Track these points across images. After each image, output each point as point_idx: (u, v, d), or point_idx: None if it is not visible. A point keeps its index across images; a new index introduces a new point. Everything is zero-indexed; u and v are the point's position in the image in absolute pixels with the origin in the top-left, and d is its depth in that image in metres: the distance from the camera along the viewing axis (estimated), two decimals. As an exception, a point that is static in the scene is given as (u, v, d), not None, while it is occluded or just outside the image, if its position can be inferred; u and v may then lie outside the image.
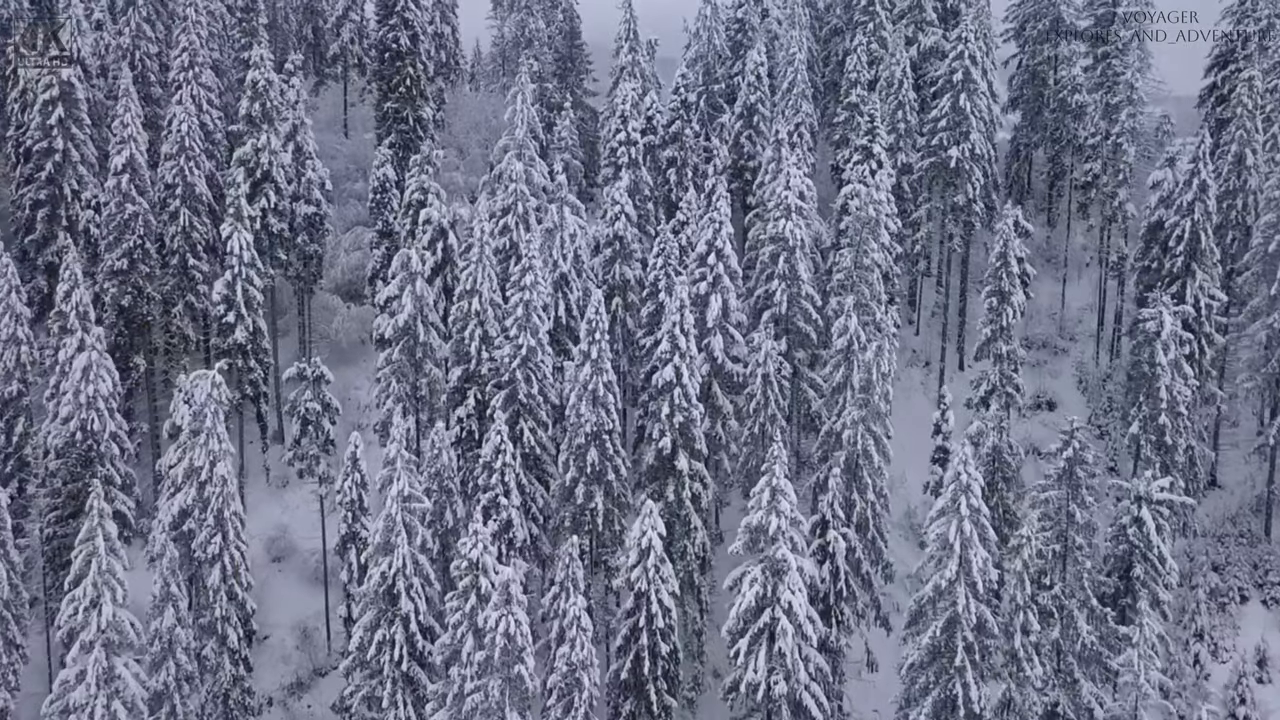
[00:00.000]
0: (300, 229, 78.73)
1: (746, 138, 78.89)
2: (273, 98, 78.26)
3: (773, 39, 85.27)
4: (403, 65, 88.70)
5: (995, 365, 65.53)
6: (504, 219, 69.93)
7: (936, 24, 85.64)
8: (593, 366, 57.91)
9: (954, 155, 75.06)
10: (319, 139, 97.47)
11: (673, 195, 75.90)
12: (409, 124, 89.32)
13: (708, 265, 63.16)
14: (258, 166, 76.82)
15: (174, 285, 74.17)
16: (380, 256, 79.51)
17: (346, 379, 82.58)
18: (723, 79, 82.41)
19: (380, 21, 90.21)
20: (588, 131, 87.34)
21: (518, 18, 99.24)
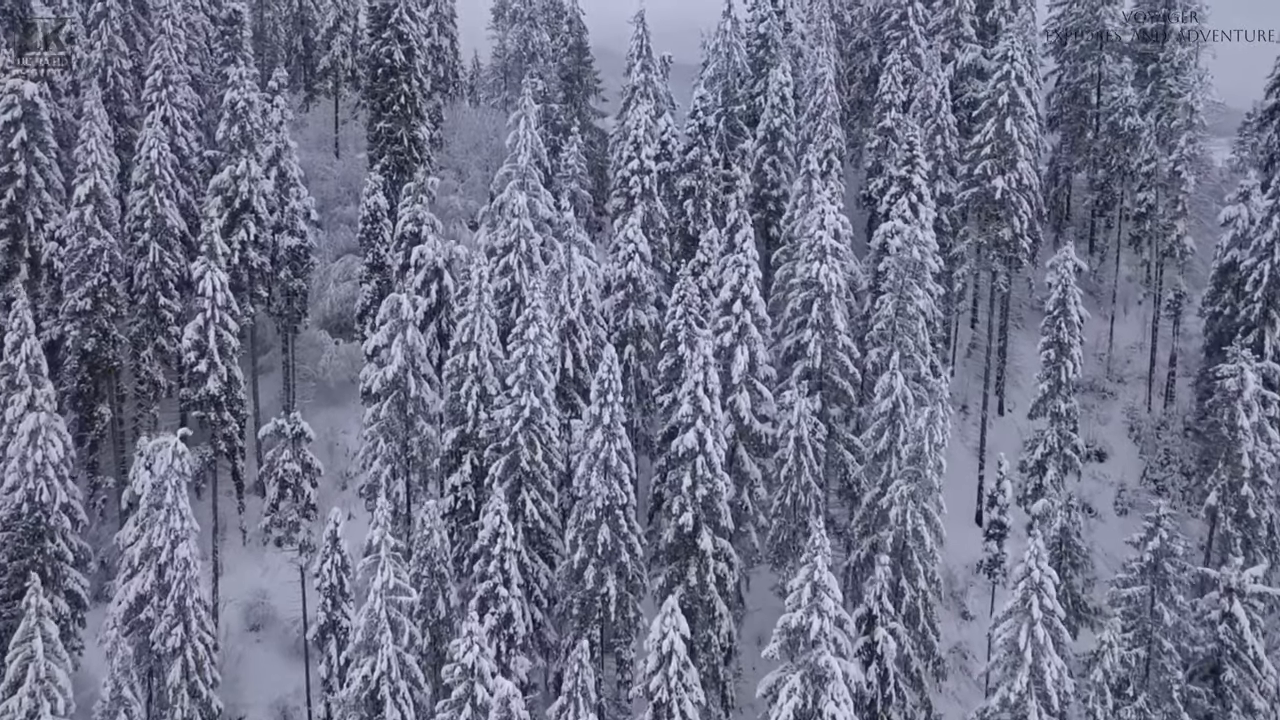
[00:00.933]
0: (283, 263, 71.24)
1: (770, 164, 71.27)
2: (253, 120, 70.76)
3: (796, 55, 77.67)
4: (397, 82, 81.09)
5: (1053, 424, 57.94)
6: (505, 257, 62.36)
7: (975, 39, 77.97)
8: (604, 433, 50.41)
9: (999, 186, 67.42)
10: (307, 159, 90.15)
11: (690, 228, 68.32)
12: (403, 145, 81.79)
13: (733, 314, 55.60)
14: (236, 195, 69.39)
15: (143, 327, 66.68)
16: (370, 292, 71.98)
17: (334, 422, 75.26)
18: (743, 99, 74.79)
19: (373, 35, 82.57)
20: (596, 155, 79.75)
21: (520, 30, 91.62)
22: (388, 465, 57.69)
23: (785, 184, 71.36)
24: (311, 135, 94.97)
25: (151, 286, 66.45)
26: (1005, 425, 75.27)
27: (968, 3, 77.41)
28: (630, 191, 66.63)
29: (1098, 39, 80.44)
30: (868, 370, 58.47)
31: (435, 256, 62.89)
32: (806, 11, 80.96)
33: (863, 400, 58.64)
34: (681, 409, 51.53)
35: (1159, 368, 75.39)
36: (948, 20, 77.54)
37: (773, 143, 71.00)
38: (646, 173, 66.60)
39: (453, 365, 55.63)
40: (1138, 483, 71.42)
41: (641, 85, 73.06)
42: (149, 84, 73.34)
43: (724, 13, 73.69)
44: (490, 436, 54.21)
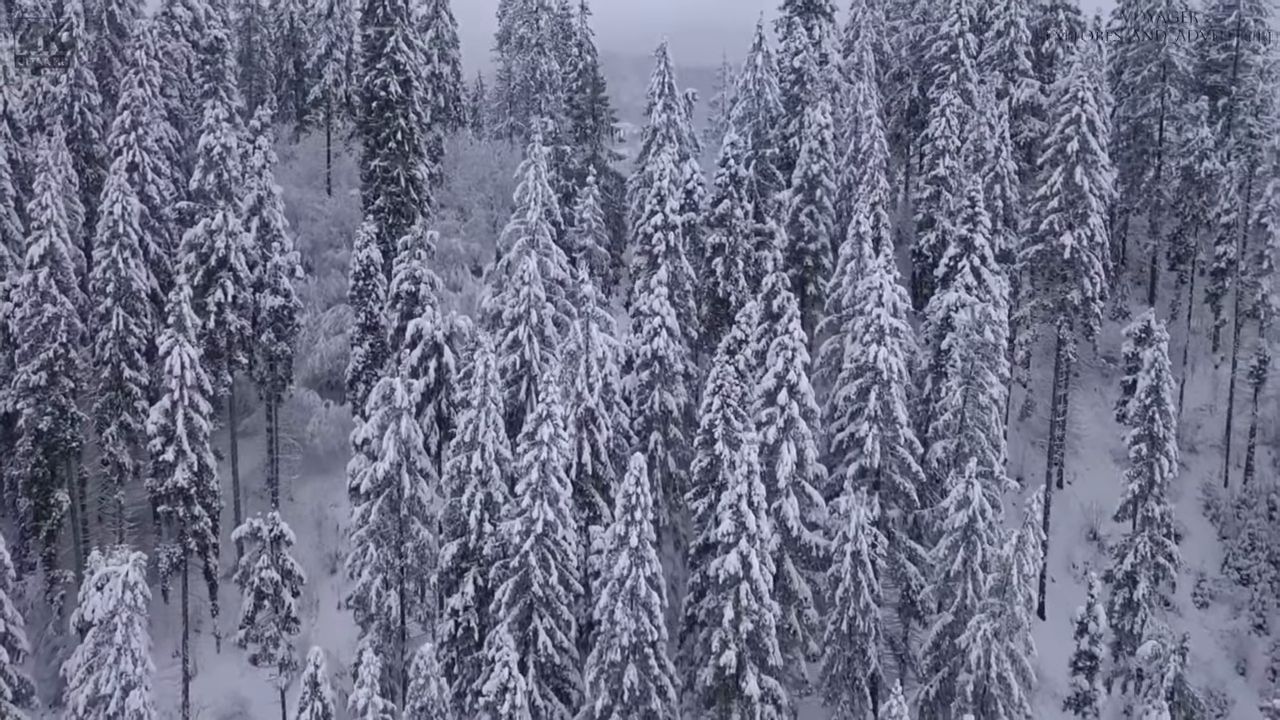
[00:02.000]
0: (265, 325, 62.82)
1: (807, 215, 62.88)
2: (231, 168, 62.28)
3: (833, 89, 69.15)
4: (393, 117, 72.67)
5: (1144, 530, 49.59)
6: (514, 330, 53.96)
7: (1031, 73, 69.51)
8: (631, 556, 42.04)
9: (1067, 244, 58.93)
10: (296, 196, 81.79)
11: (719, 288, 59.86)
12: (400, 185, 73.43)
13: (777, 405, 47.19)
14: (212, 252, 61.02)
15: (106, 402, 58.33)
16: (363, 356, 63.77)
17: (322, 493, 67.11)
18: (775, 141, 66.36)
19: (367, 65, 74.09)
20: (613, 201, 71.20)
21: (527, 58, 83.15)
22: (379, 575, 49.30)
23: (823, 236, 62.99)
24: (301, 170, 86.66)
25: (115, 357, 58.13)
26: (1066, 500, 66.96)
27: (1023, 33, 68.87)
28: (653, 249, 58.21)
29: (1161, 69, 71.99)
30: (931, 464, 50.03)
31: (434, 331, 54.51)
32: (844, 41, 72.50)
33: (924, 499, 50.25)
34: (722, 525, 43.14)
35: (1236, 436, 67.02)
36: (1001, 52, 69.11)
37: (810, 191, 62.57)
38: (671, 228, 58.16)
39: (453, 468, 47.19)
40: (1219, 570, 63.12)
41: (664, 127, 64.68)
42: (116, 126, 64.99)
43: (754, 45, 65.26)
44: (496, 552, 45.81)
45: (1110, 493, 68.02)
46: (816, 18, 70.31)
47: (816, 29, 70.01)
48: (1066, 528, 66.29)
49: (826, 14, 70.60)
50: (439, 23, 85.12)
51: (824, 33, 70.26)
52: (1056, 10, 71.81)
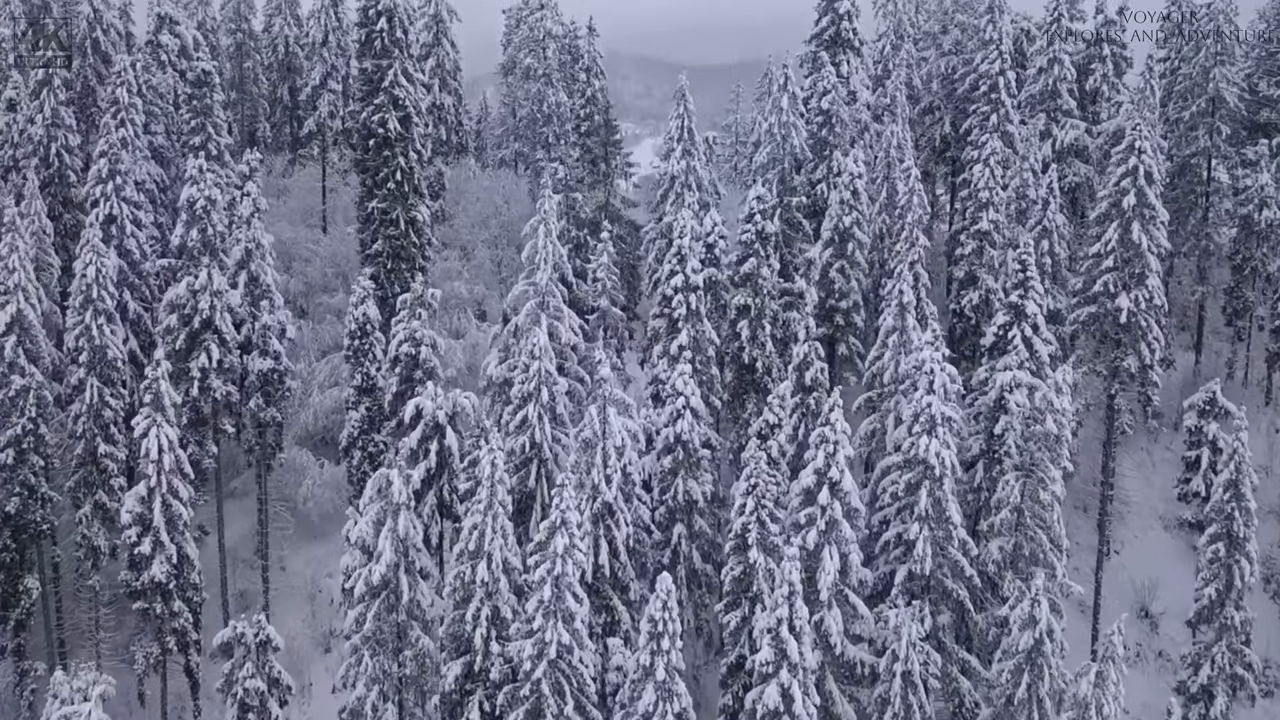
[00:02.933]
0: (253, 389, 57.40)
1: (838, 270, 57.53)
2: (215, 221, 56.82)
3: (862, 130, 63.71)
4: (391, 156, 67.40)
5: (1221, 639, 44.22)
6: (523, 410, 48.52)
7: (1075, 112, 64.04)
8: (658, 690, 36.77)
9: (1124, 307, 53.45)
10: (290, 235, 76.49)
11: (744, 353, 54.39)
12: (399, 227, 68.14)
13: (818, 505, 41.83)
14: (195, 313, 55.59)
15: (80, 479, 53.00)
16: (358, 421, 58.43)
17: (317, 561, 62.11)
18: (802, 189, 60.88)
19: (363, 100, 68.72)
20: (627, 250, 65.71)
21: (533, 89, 77.65)
22: (375, 686, 44.02)
23: (854, 293, 57.62)
24: (295, 206, 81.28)
25: (89, 432, 52.77)
26: (1114, 573, 61.60)
27: (1067, 70, 63.36)
28: (673, 312, 52.75)
29: (1210, 105, 66.53)
30: (985, 565, 44.68)
31: (435, 410, 49.04)
32: (872, 77, 67.02)
33: (977, 601, 44.91)
34: (761, 653, 37.84)
35: (1297, 506, 61.65)
36: (1044, 91, 63.62)
37: (840, 245, 57.18)
38: (693, 290, 52.71)
39: (457, 578, 41.88)
40: (1284, 654, 57.80)
41: (683, 174, 59.16)
42: (92, 174, 59.55)
43: (779, 86, 59.78)
44: (505, 675, 40.48)
45: (1161, 564, 62.95)
46: (844, 52, 64.85)
47: (844, 64, 64.50)
48: (1116, 603, 60.94)
49: (855, 49, 65.13)
50: (439, 51, 79.72)
51: (852, 69, 64.80)
52: (1100, 45, 66.32)
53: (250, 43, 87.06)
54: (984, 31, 67.43)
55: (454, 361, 66.81)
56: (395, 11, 68.32)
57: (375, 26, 67.98)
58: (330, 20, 77.24)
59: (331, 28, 77.60)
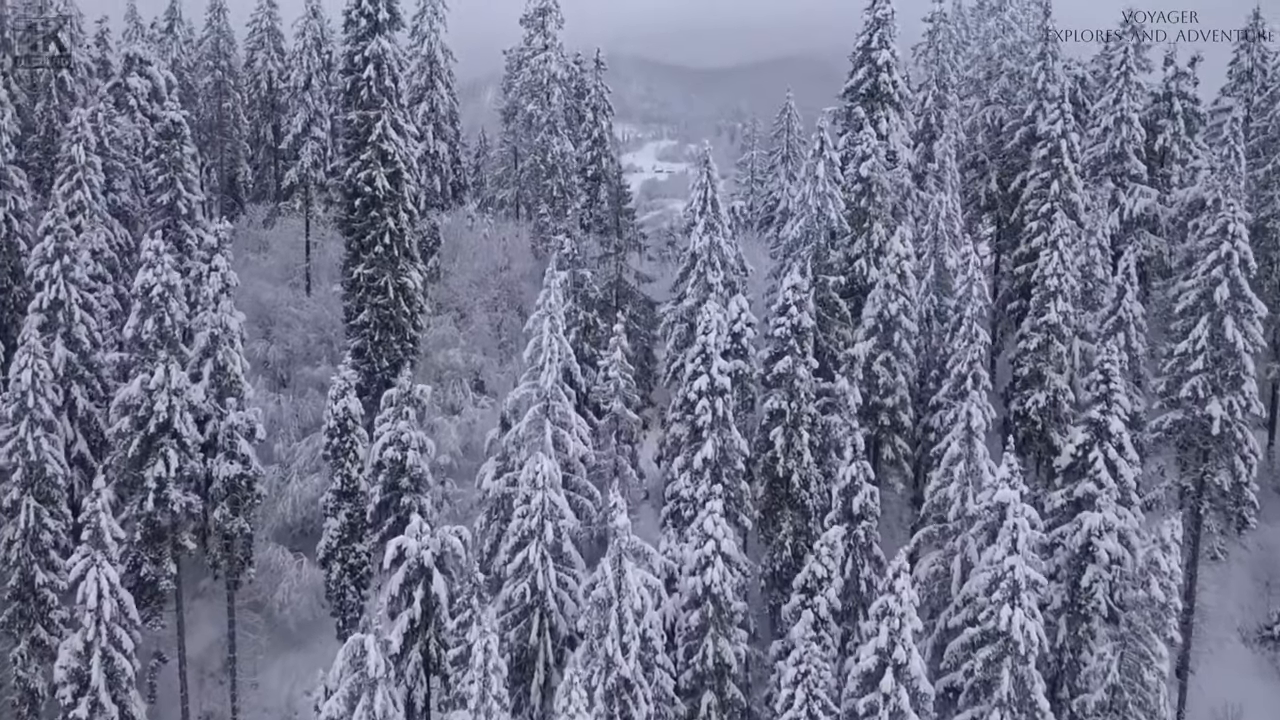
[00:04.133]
0: (218, 497, 49.68)
1: (883, 363, 49.82)
2: (174, 310, 49.02)
3: (904, 196, 55.97)
4: (380, 217, 59.86)
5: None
6: (523, 550, 40.80)
7: (1145, 177, 56.26)
8: None
9: (1215, 415, 45.62)
10: (270, 297, 68.77)
11: (778, 465, 46.61)
12: (388, 295, 60.51)
13: (880, 692, 34.08)
14: (151, 415, 47.87)
15: (14, 614, 45.34)
16: (338, 529, 50.90)
17: (294, 675, 54.63)
18: (839, 266, 53.08)
19: (349, 155, 61.06)
20: (641, 332, 57.78)
21: (537, 139, 69.77)
22: None
23: (902, 388, 49.88)
24: (275, 263, 73.40)
25: (25, 559, 45.07)
26: (1191, 697, 53.86)
27: (1136, 130, 55.58)
28: (697, 419, 45.03)
29: (1289, 162, 58.72)
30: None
31: (421, 550, 41.25)
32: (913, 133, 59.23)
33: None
34: None
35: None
36: (1110, 154, 55.80)
37: (886, 334, 49.45)
38: (720, 393, 44.99)
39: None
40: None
41: (705, 252, 51.31)
42: (36, 254, 51.71)
43: (815, 153, 51.92)
44: None
45: (1244, 686, 55.31)
46: (883, 108, 57.05)
47: (883, 121, 56.69)
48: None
49: (895, 104, 57.27)
50: (433, 94, 71.90)
51: (892, 126, 56.99)
52: (1170, 100, 58.59)
53: (230, 81, 79.31)
54: (1036, 80, 59.75)
55: (448, 443, 59.37)
56: (384, 58, 60.53)
57: (362, 75, 60.22)
58: (313, 61, 69.42)
59: (315, 69, 69.77)
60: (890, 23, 56.48)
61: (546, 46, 68.08)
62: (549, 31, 67.73)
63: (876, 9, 56.50)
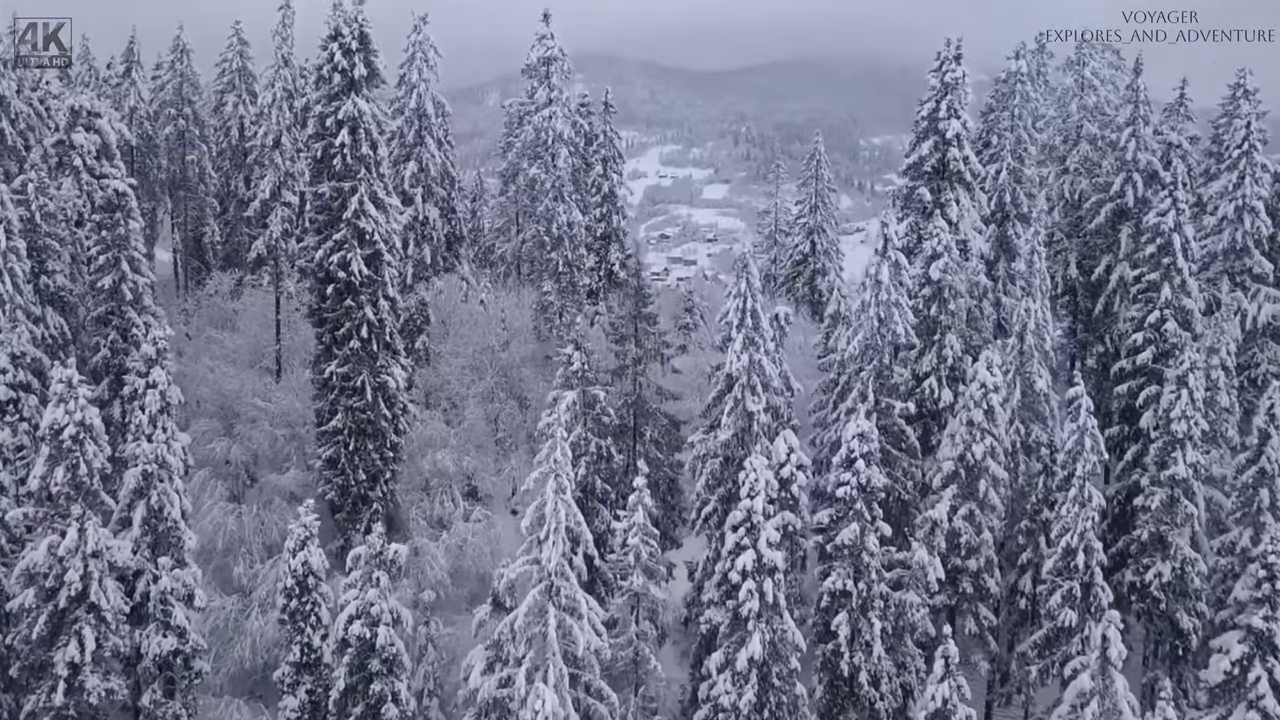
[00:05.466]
0: (149, 679, 39.79)
1: (965, 516, 39.71)
2: (91, 456, 39.08)
3: (979, 297, 45.91)
4: (356, 306, 50.13)
5: None
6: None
7: (1269, 277, 46.27)
8: None
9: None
10: (234, 387, 58.86)
11: (842, 661, 36.54)
12: (365, 396, 50.98)
13: None
14: (61, 586, 37.92)
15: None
16: (296, 709, 40.99)
17: None
18: (904, 387, 43.06)
19: (320, 233, 51.33)
20: (663, 459, 47.48)
21: (543, 206, 59.68)
22: None
23: (988, 546, 39.88)
24: (242, 344, 63.42)
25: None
26: None
27: (1261, 222, 45.55)
28: (740, 607, 35.02)
29: None
30: None
31: None
32: (984, 217, 49.07)
33: None
34: None
35: None
36: (1230, 249, 45.78)
37: (969, 482, 39.48)
38: (770, 573, 34.99)
39: None
40: None
41: (744, 373, 41.12)
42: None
43: (877, 252, 41.78)
44: None
45: None
46: (952, 188, 46.98)
47: (952, 205, 46.62)
48: None
49: (966, 183, 47.16)
50: (423, 152, 61.79)
51: (962, 210, 46.88)
52: (1294, 181, 48.71)
53: (194, 130, 69.29)
54: (1124, 149, 49.75)
55: (434, 572, 49.64)
56: (361, 121, 50.67)
57: (335, 141, 50.34)
58: (284, 117, 59.32)
59: (285, 126, 59.67)
60: (961, 88, 46.42)
61: (551, 101, 57.98)
62: (554, 84, 57.61)
63: (944, 73, 46.41)
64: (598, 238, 71.30)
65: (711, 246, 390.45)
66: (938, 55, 46.88)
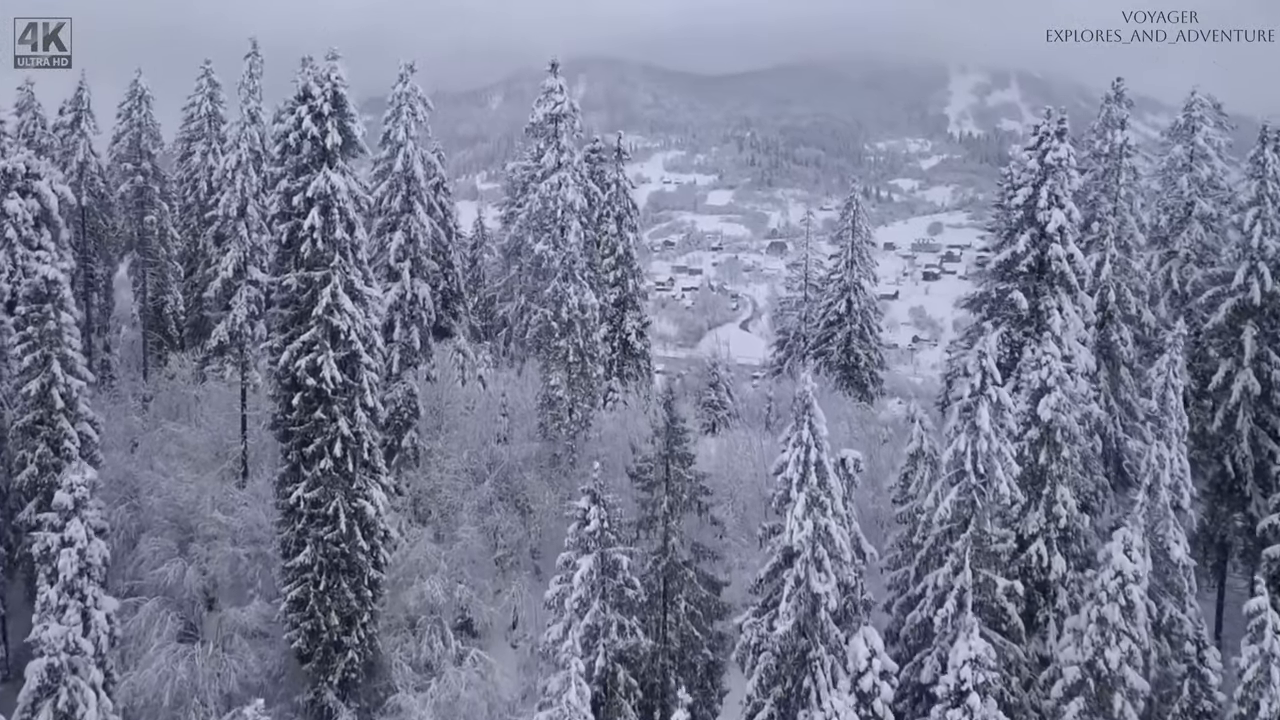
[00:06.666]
0: None
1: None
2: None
3: (1091, 430, 36.55)
4: (328, 418, 41.91)
5: None
6: None
7: None
8: None
9: None
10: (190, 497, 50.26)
11: None
12: (338, 526, 42.19)
13: None
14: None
15: None
16: None
17: None
18: (1006, 555, 33.67)
19: (286, 329, 42.39)
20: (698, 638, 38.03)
21: (551, 287, 50.27)
22: None
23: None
24: (203, 439, 54.46)
25: None
26: None
27: None
28: None
29: None
30: None
31: None
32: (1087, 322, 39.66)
33: None
34: None
35: None
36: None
37: (1099, 694, 30.15)
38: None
39: None
40: None
41: (808, 545, 31.71)
42: None
43: (973, 388, 32.40)
44: None
45: None
46: (1053, 292, 37.57)
47: (1054, 314, 37.24)
48: None
49: (1070, 287, 37.77)
50: (411, 221, 52.30)
51: (1067, 319, 37.48)
52: None
53: (154, 187, 59.95)
54: (1249, 233, 40.41)
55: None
56: (335, 197, 41.59)
57: (303, 222, 41.22)
58: (248, 183, 50.02)
59: (251, 194, 50.37)
60: (1065, 170, 37.09)
61: (560, 165, 48.66)
62: (564, 145, 48.34)
63: (1044, 151, 37.09)
64: (612, 304, 62.26)
65: (716, 255, 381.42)
66: (1035, 130, 37.58)
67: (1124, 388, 41.01)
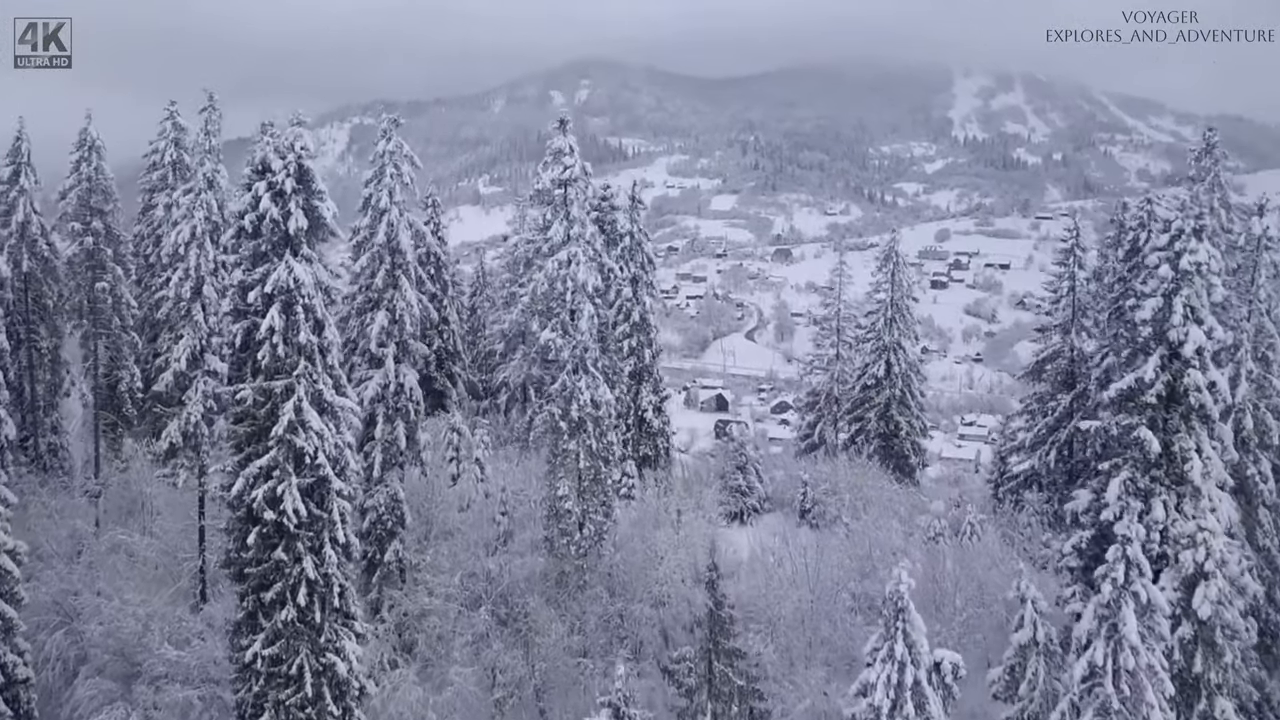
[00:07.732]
0: None
1: None
2: None
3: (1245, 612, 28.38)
4: (291, 559, 34.40)
5: None
6: None
7: None
8: None
9: None
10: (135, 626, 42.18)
11: None
12: (304, 688, 35.63)
13: None
14: None
15: None
16: None
17: None
18: None
19: (241, 449, 34.24)
20: None
21: (560, 380, 42.06)
22: None
23: None
24: (156, 550, 46.20)
25: None
26: None
27: None
28: None
29: None
30: None
31: None
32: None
33: None
34: None
35: None
36: None
37: None
38: None
39: None
40: None
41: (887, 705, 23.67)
42: None
43: (1115, 583, 24.48)
44: None
45: None
46: (1187, 428, 29.52)
47: (1194, 459, 29.13)
48: None
49: (1208, 419, 29.79)
50: (396, 300, 44.10)
51: (1207, 463, 29.42)
52: None
53: (107, 250, 51.85)
54: None
55: None
56: (299, 292, 33.68)
57: (261, 322, 33.29)
58: (205, 259, 41.93)
59: (209, 270, 42.29)
60: (1206, 277, 29.03)
61: (570, 239, 40.57)
62: (574, 215, 40.26)
63: (1179, 254, 29.00)
64: (626, 375, 54.25)
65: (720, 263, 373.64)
66: (1166, 227, 29.54)
67: (1261, 532, 33.05)
